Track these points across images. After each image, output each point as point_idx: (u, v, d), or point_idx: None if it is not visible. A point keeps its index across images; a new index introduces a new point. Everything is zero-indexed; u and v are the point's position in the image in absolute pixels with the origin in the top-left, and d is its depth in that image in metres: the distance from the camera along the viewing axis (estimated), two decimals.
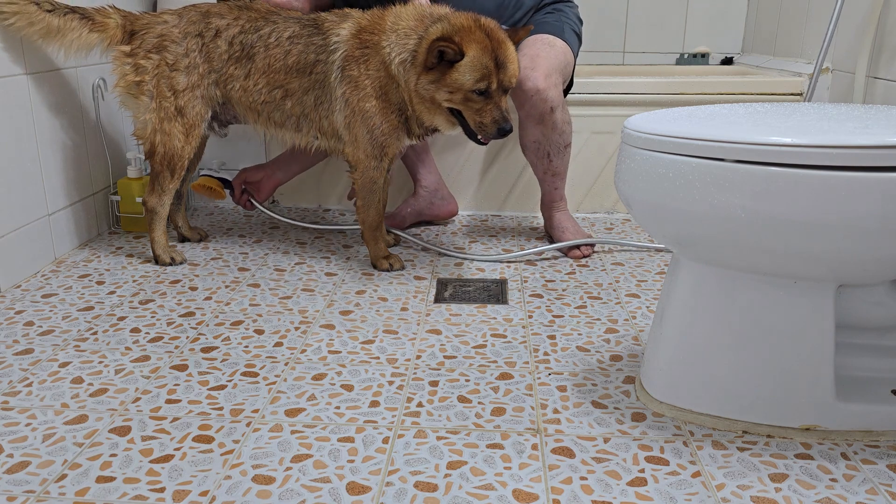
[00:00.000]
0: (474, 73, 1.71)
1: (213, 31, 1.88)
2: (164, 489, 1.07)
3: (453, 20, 1.75)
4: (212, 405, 1.29)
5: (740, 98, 2.40)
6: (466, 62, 1.71)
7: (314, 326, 1.62)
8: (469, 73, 1.71)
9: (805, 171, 1.00)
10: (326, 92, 1.86)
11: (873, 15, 1.99)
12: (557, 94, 1.98)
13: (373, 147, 1.87)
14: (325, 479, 1.09)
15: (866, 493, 1.07)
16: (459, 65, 1.71)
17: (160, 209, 1.97)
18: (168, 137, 1.90)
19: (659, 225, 1.18)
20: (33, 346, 1.51)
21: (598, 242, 2.15)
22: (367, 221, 1.97)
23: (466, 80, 1.71)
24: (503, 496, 1.06)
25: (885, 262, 1.07)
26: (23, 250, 1.87)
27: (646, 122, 1.15)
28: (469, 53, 1.71)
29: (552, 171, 2.13)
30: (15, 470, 1.11)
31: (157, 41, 1.87)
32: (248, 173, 2.25)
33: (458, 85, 1.72)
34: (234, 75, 1.89)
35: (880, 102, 2.00)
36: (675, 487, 1.08)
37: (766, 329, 1.17)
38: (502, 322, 1.66)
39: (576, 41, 2.12)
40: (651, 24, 3.11)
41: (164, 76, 1.87)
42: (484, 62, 1.71)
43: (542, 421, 1.25)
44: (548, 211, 2.24)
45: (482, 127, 1.76)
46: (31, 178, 1.90)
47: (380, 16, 1.84)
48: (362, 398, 1.32)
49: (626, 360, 1.48)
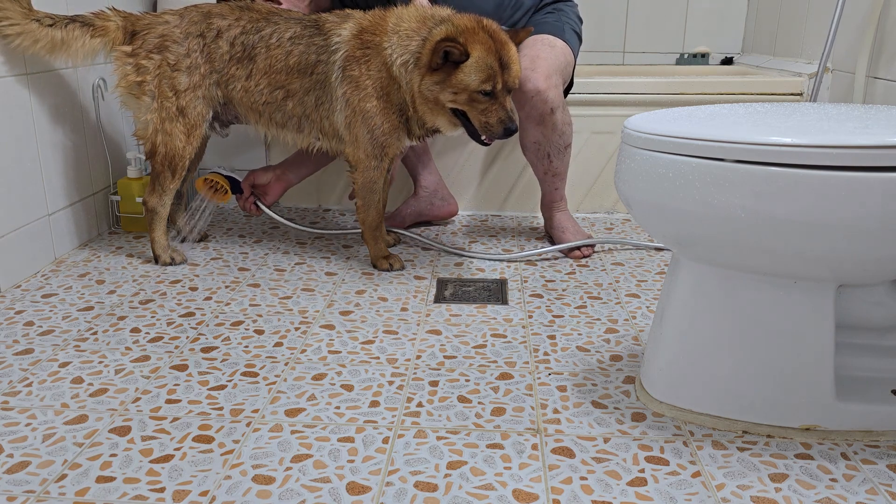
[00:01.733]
0: (479, 73, 1.71)
1: (215, 32, 1.88)
2: (164, 489, 1.07)
3: (457, 22, 1.75)
4: (212, 405, 1.29)
5: (740, 98, 2.40)
6: (471, 63, 1.71)
7: (314, 326, 1.62)
8: (474, 74, 1.71)
9: (805, 171, 1.00)
10: (327, 92, 1.86)
11: (873, 15, 1.99)
12: (557, 94, 1.98)
13: (373, 147, 1.87)
14: (325, 479, 1.09)
15: (866, 493, 1.07)
16: (464, 66, 1.71)
17: (161, 209, 1.97)
18: (169, 138, 1.90)
19: (659, 225, 1.18)
20: (33, 346, 1.51)
21: (598, 243, 2.15)
22: (368, 221, 1.97)
23: (472, 80, 1.71)
24: (503, 496, 1.06)
25: (885, 262, 1.07)
26: (23, 250, 1.87)
27: (646, 122, 1.15)
28: (474, 54, 1.71)
29: (552, 171, 2.14)
30: (15, 470, 1.11)
31: (158, 41, 1.87)
32: (256, 175, 2.19)
33: (463, 86, 1.72)
34: (235, 76, 1.89)
35: (880, 102, 2.00)
36: (675, 487, 1.08)
37: (766, 329, 1.17)
38: (502, 322, 1.66)
39: (576, 41, 2.12)
40: (651, 24, 3.11)
41: (166, 76, 1.87)
42: (489, 63, 1.71)
43: (542, 421, 1.25)
44: (548, 211, 2.24)
45: (488, 127, 1.76)
46: (31, 178, 1.90)
47: (381, 17, 1.84)
48: (362, 398, 1.32)
49: (626, 360, 1.48)
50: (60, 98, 2.01)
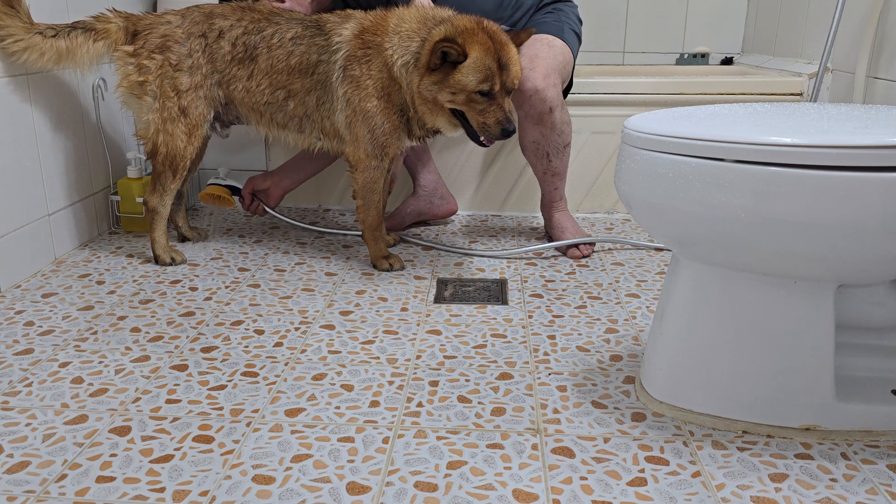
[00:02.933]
0: (477, 73, 1.71)
1: (217, 32, 1.88)
2: (164, 489, 1.07)
3: (456, 22, 1.75)
4: (212, 405, 1.29)
5: (740, 98, 2.40)
6: (469, 63, 1.71)
7: (314, 326, 1.62)
8: (472, 74, 1.71)
9: (805, 171, 1.00)
10: (328, 92, 1.86)
11: (873, 15, 1.99)
12: (556, 94, 1.98)
13: (374, 147, 1.87)
14: (325, 479, 1.09)
15: (866, 493, 1.07)
16: (462, 66, 1.71)
17: (161, 209, 1.97)
18: (171, 138, 1.90)
19: (659, 225, 1.18)
20: (33, 346, 1.51)
21: (598, 241, 2.15)
22: (368, 221, 1.97)
23: (469, 81, 1.71)
24: (503, 496, 1.06)
25: (886, 262, 1.07)
26: (23, 250, 1.87)
27: (646, 122, 1.15)
28: (472, 55, 1.71)
29: (552, 171, 2.13)
30: (15, 470, 1.11)
31: (160, 41, 1.87)
32: (255, 182, 2.26)
33: (461, 86, 1.72)
34: (237, 76, 1.89)
35: (880, 102, 2.00)
36: (675, 487, 1.08)
37: (766, 329, 1.17)
38: (502, 322, 1.66)
39: (575, 41, 2.12)
40: (651, 24, 3.11)
41: (168, 76, 1.87)
42: (487, 63, 1.71)
43: (542, 421, 1.25)
44: (547, 211, 2.24)
45: (486, 128, 1.76)
46: (31, 178, 1.90)
47: (383, 17, 1.84)
48: (362, 398, 1.32)
49: (626, 360, 1.48)
50: (60, 98, 2.01)
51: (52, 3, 1.96)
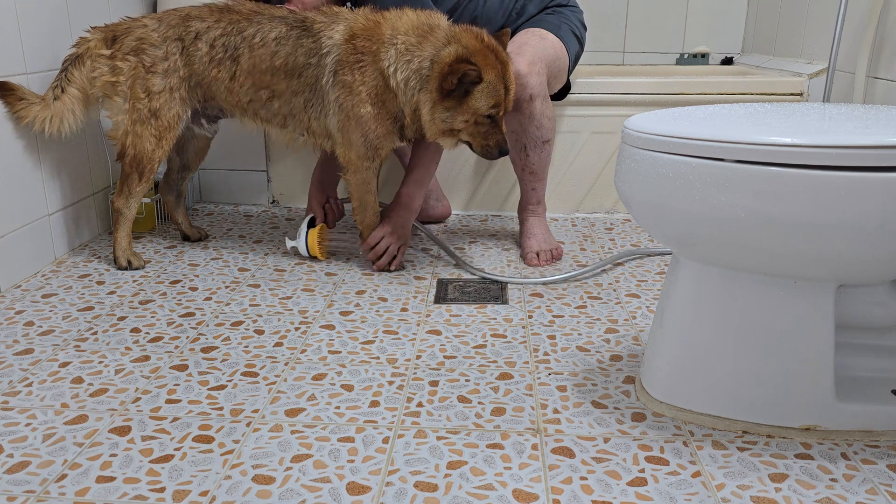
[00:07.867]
0: (489, 98, 1.71)
1: (193, 34, 1.86)
2: (164, 489, 1.07)
3: (464, 41, 1.71)
4: (212, 405, 1.29)
5: (740, 98, 2.40)
6: (483, 87, 1.70)
7: (314, 326, 1.62)
8: (485, 99, 1.71)
9: (805, 171, 1.00)
10: (318, 95, 1.84)
11: (873, 15, 1.99)
12: (539, 83, 1.93)
13: (366, 149, 1.86)
14: (325, 479, 1.09)
15: (866, 493, 1.07)
16: (477, 89, 1.70)
17: (126, 211, 1.95)
18: (139, 139, 1.88)
19: (659, 225, 1.18)
20: (33, 346, 1.51)
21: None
22: (365, 222, 1.97)
23: (482, 105, 1.71)
24: (503, 496, 1.06)
25: (886, 262, 1.07)
26: (23, 250, 1.87)
27: (646, 122, 1.15)
28: (486, 78, 1.69)
29: (529, 168, 2.06)
30: (15, 470, 1.11)
31: (135, 44, 1.86)
32: (312, 203, 2.17)
33: (473, 110, 1.71)
34: (217, 78, 1.87)
35: (880, 102, 2.00)
36: (675, 487, 1.08)
37: (766, 329, 1.17)
38: (502, 322, 1.66)
39: (573, 42, 2.09)
40: (651, 24, 3.11)
41: (140, 77, 1.85)
42: (497, 87, 1.70)
43: (542, 421, 1.25)
44: (522, 213, 2.14)
45: (487, 149, 1.77)
46: (31, 178, 1.90)
47: (375, 23, 1.80)
48: (362, 398, 1.32)
49: (626, 360, 1.48)
50: None
51: (51, 8, 1.96)
